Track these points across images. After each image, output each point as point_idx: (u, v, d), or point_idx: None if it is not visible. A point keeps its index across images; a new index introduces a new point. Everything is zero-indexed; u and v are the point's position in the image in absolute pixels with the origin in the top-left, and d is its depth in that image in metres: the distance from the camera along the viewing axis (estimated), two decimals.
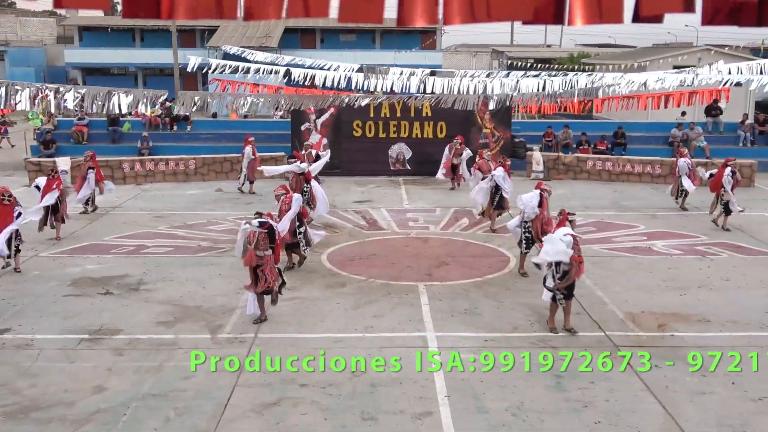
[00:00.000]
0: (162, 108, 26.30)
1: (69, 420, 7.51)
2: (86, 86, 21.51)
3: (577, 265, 9.60)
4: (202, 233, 15.27)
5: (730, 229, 15.56)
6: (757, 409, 7.83)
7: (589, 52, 55.16)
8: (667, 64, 33.39)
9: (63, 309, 10.76)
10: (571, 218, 10.20)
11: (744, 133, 24.88)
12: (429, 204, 18.50)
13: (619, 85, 19.39)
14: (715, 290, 11.80)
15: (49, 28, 63.00)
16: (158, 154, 23.13)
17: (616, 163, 22.35)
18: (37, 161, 21.43)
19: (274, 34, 47.24)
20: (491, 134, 23.05)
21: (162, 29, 46.99)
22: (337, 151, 22.67)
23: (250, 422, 7.51)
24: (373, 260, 13.41)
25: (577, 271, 9.66)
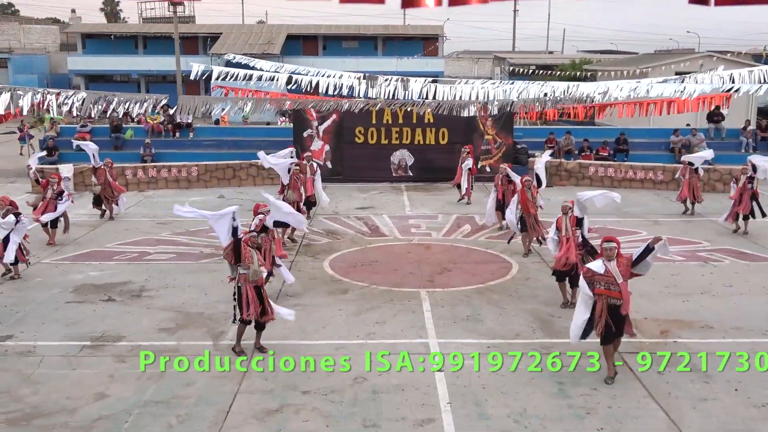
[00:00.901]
0: (164, 114, 26.43)
1: (71, 427, 7.50)
2: (87, 91, 21.61)
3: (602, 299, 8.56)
4: (205, 240, 15.28)
5: (747, 231, 15.79)
6: (761, 415, 7.80)
7: (590, 58, 55.24)
8: (669, 70, 33.44)
9: (65, 316, 10.76)
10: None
11: (746, 139, 24.90)
12: (431, 210, 18.51)
13: (620, 90, 19.41)
14: (718, 296, 11.78)
15: (53, 35, 63.26)
16: (161, 160, 23.19)
17: (618, 170, 22.36)
18: (40, 168, 21.45)
19: (277, 41, 47.41)
20: (493, 141, 23.07)
21: (165, 36, 47.18)
22: (339, 157, 22.74)
23: (251, 429, 7.50)
24: (375, 267, 13.41)
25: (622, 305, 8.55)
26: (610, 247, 8.59)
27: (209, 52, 46.31)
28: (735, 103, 24.62)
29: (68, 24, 62.69)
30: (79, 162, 21.60)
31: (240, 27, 54.73)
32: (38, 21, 68.78)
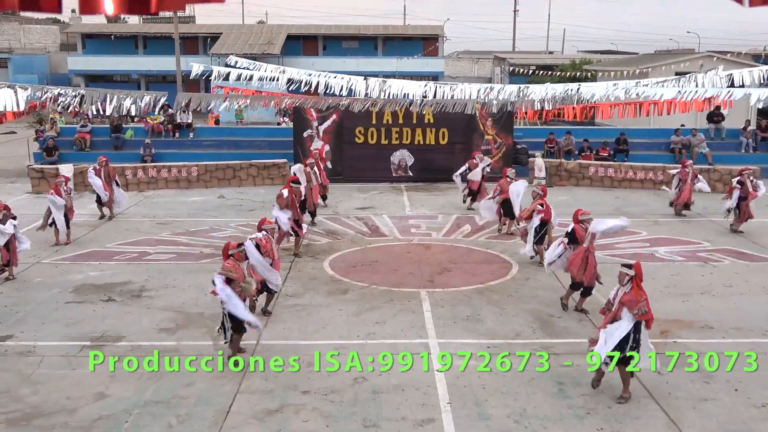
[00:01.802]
0: (165, 115, 26.44)
1: (71, 427, 7.50)
2: (86, 88, 21.65)
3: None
4: (205, 240, 15.29)
5: (742, 231, 15.76)
6: (761, 415, 7.80)
7: (591, 58, 55.24)
8: (669, 70, 33.43)
9: (65, 316, 10.76)
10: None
11: (746, 140, 24.90)
12: (431, 210, 18.51)
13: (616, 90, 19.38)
14: (718, 297, 11.78)
15: (53, 35, 63.34)
16: (161, 161, 23.18)
17: (619, 170, 22.36)
18: (40, 168, 21.49)
19: (277, 41, 47.40)
20: (493, 141, 23.08)
21: (165, 36, 47.20)
22: (339, 157, 22.74)
23: (251, 429, 7.50)
24: (375, 267, 13.41)
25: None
26: (622, 272, 8.15)
27: (209, 52, 46.31)
28: (735, 104, 24.59)
29: (68, 24, 62.70)
30: (79, 162, 21.61)
31: (240, 27, 54.76)
32: (38, 21, 68.73)
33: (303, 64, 41.51)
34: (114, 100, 15.67)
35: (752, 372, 8.87)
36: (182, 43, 43.16)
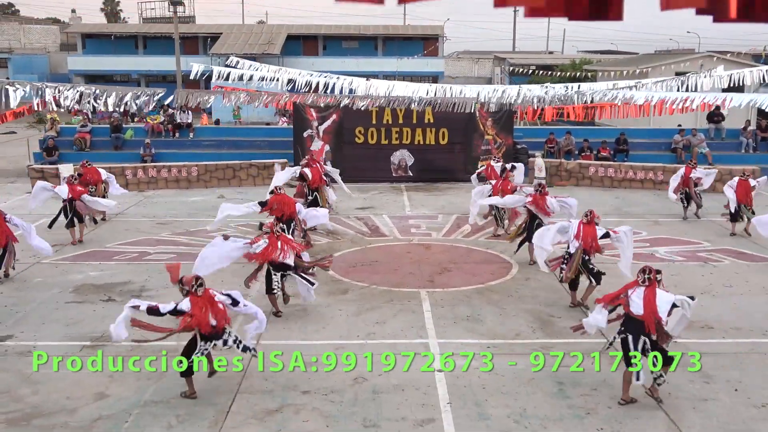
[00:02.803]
0: (165, 115, 26.46)
1: (71, 427, 7.50)
2: (85, 85, 21.67)
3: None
4: (204, 240, 15.25)
5: (736, 233, 15.66)
6: (761, 415, 7.81)
7: (591, 58, 55.24)
8: (669, 70, 33.44)
9: (65, 316, 10.76)
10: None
11: (746, 140, 24.89)
12: (431, 210, 18.51)
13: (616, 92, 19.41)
14: (718, 297, 11.78)
15: (53, 35, 63.32)
16: (161, 160, 23.18)
17: (619, 170, 22.35)
18: (40, 168, 21.49)
19: (277, 41, 47.38)
20: (493, 141, 23.07)
21: (165, 36, 47.18)
22: (339, 157, 22.72)
23: (251, 429, 7.50)
24: (375, 267, 13.41)
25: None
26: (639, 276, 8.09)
27: (209, 52, 46.28)
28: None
29: (68, 24, 62.73)
30: (78, 162, 21.59)
31: (240, 27, 54.75)
32: (38, 21, 68.82)
33: (303, 64, 41.52)
34: (112, 95, 15.70)
35: (751, 371, 8.87)
36: (182, 43, 43.16)
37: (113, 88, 16.44)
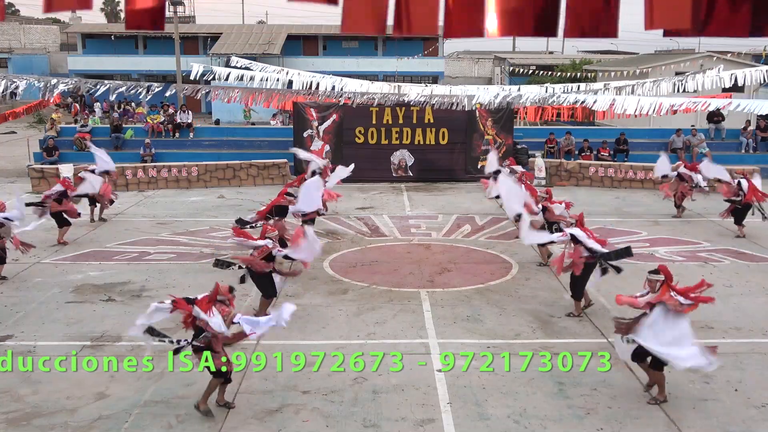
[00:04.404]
0: (165, 114, 26.45)
1: (71, 427, 7.51)
2: (82, 78, 21.71)
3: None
4: (205, 240, 15.29)
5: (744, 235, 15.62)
6: (761, 415, 7.81)
7: (591, 58, 55.24)
8: (669, 70, 33.44)
9: (65, 315, 10.77)
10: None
11: (746, 140, 24.89)
12: (431, 210, 18.51)
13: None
14: (718, 297, 11.70)
15: (53, 35, 63.31)
16: (161, 160, 23.17)
17: (619, 170, 22.35)
18: (40, 168, 21.49)
19: (277, 41, 47.35)
20: (493, 141, 23.07)
21: (165, 36, 47.13)
22: (339, 157, 22.71)
23: (251, 429, 7.50)
24: (375, 267, 13.41)
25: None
26: (651, 280, 8.16)
27: (209, 52, 46.26)
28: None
29: (68, 24, 62.68)
30: (79, 162, 21.59)
31: (240, 27, 54.70)
32: (38, 21, 68.72)
33: (303, 64, 41.52)
34: (111, 87, 15.75)
35: (751, 372, 8.87)
36: (182, 43, 43.11)
37: (112, 81, 16.45)
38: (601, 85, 26.75)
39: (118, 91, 16.21)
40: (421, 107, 22.09)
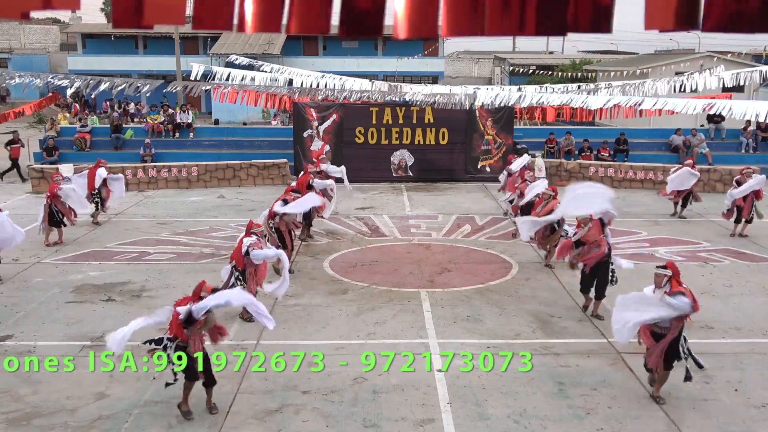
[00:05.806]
0: (165, 114, 26.45)
1: (71, 427, 7.50)
2: (82, 75, 21.73)
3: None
4: (205, 240, 15.29)
5: (747, 235, 15.62)
6: (761, 415, 7.81)
7: (591, 58, 55.25)
8: (669, 70, 33.44)
9: (65, 315, 10.76)
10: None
11: (746, 140, 24.89)
12: (431, 210, 18.51)
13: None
14: (718, 297, 11.78)
15: (53, 35, 63.29)
16: (161, 161, 23.17)
17: (619, 170, 22.36)
18: (40, 168, 21.48)
19: (277, 41, 47.34)
20: (493, 141, 23.07)
21: (165, 36, 47.14)
22: (339, 157, 22.72)
23: (251, 429, 7.50)
24: (375, 267, 13.41)
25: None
26: (659, 274, 8.10)
27: (209, 52, 46.26)
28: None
29: (68, 24, 62.69)
30: (79, 162, 21.60)
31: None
32: (38, 21, 68.68)
33: (303, 64, 41.49)
34: (109, 84, 15.74)
35: (751, 372, 8.87)
36: (182, 43, 43.13)
37: (111, 78, 16.43)
38: (601, 84, 26.72)
39: (119, 88, 16.15)
40: (420, 107, 22.08)
